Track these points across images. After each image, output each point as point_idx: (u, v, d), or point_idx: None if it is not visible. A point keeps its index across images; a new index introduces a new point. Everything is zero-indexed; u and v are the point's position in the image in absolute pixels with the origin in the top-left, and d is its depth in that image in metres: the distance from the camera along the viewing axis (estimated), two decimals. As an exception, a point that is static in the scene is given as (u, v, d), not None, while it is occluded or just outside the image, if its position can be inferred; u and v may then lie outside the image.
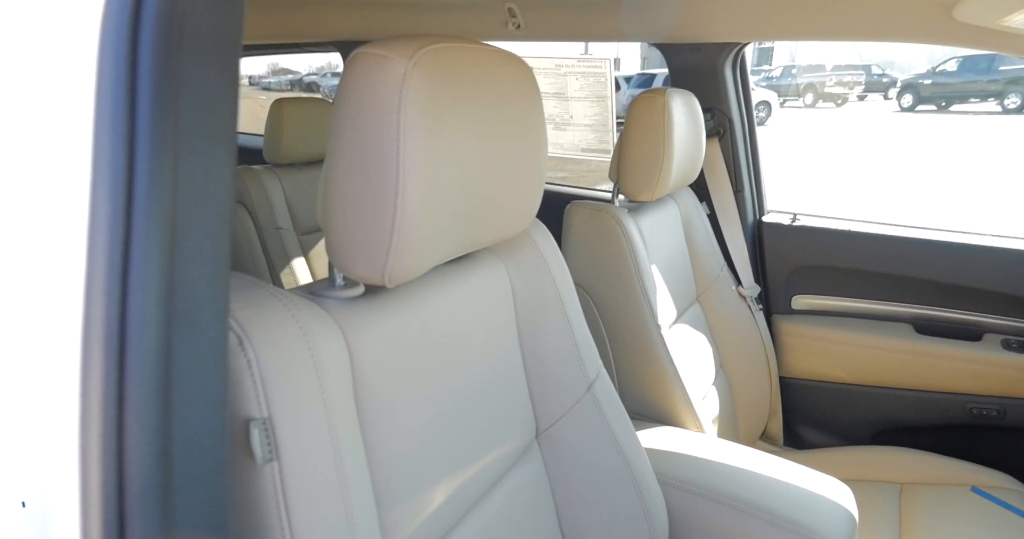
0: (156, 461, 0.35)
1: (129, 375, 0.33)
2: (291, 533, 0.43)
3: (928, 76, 13.22)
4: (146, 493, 0.34)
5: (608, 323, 1.14)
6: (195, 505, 0.37)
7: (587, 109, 1.62)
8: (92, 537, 0.34)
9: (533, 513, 0.75)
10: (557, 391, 0.78)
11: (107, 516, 0.34)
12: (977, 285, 1.26)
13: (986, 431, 1.28)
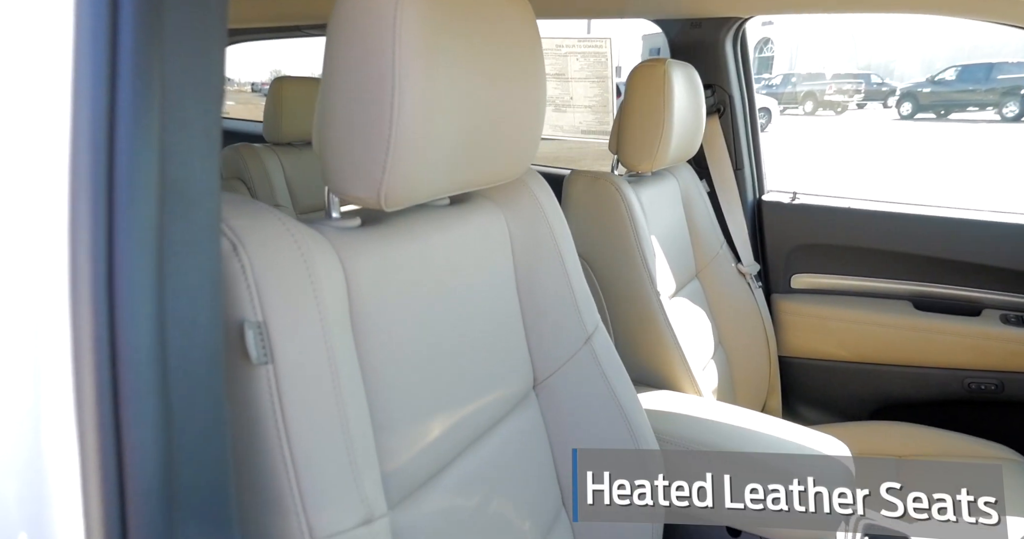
0: (150, 353, 0.35)
1: (119, 250, 0.33)
2: (287, 435, 0.43)
3: (927, 85, 13.30)
4: (141, 389, 0.34)
5: (608, 292, 1.14)
6: (192, 404, 0.36)
7: (587, 90, 1.63)
8: (87, 418, 0.33)
9: (530, 460, 0.74)
10: (555, 342, 0.77)
11: (101, 409, 0.33)
12: (976, 260, 1.26)
13: (984, 406, 1.27)
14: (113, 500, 0.33)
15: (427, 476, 0.59)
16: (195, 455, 0.36)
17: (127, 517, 0.33)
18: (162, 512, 0.34)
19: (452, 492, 0.62)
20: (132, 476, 0.33)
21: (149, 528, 0.33)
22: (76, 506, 0.32)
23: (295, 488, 0.42)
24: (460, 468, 0.64)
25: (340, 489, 0.44)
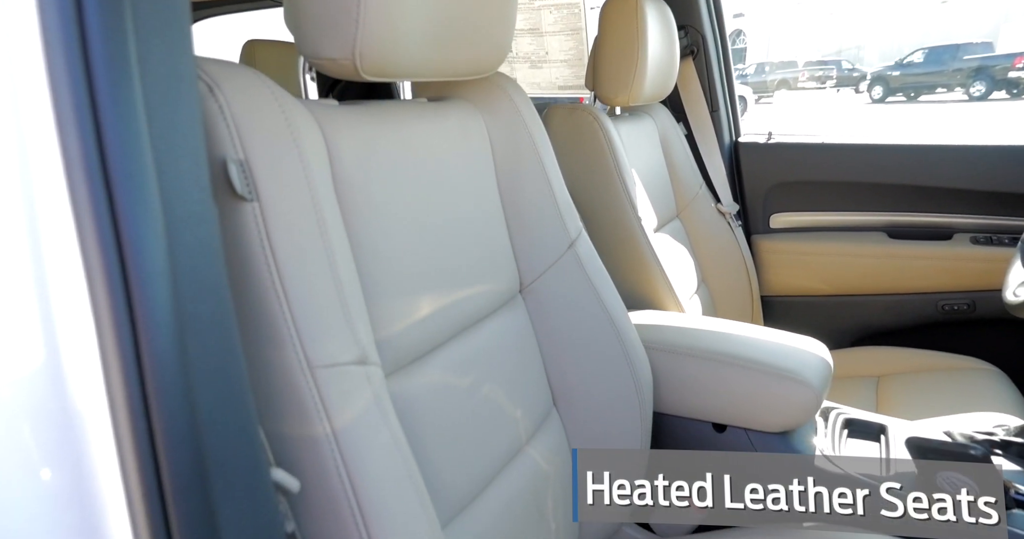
0: (148, 200, 0.35)
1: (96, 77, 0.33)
2: (277, 270, 0.43)
3: (896, 68, 13.56)
4: (144, 235, 0.34)
5: (590, 223, 1.15)
6: (189, 243, 0.37)
7: (562, 44, 1.64)
8: (93, 264, 0.33)
9: (519, 358, 0.75)
10: (539, 246, 0.79)
11: (107, 259, 0.33)
12: (947, 185, 1.30)
13: (958, 326, 1.31)
14: (127, 334, 0.32)
15: (419, 352, 0.60)
16: (195, 287, 0.36)
17: (139, 343, 0.33)
18: (174, 341, 0.34)
19: (444, 370, 0.62)
20: (143, 314, 0.33)
21: (163, 360, 0.33)
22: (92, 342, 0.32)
23: (290, 321, 0.43)
24: (451, 351, 0.65)
25: (332, 324, 0.45)
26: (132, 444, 0.33)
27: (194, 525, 0.34)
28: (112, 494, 0.33)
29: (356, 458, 0.43)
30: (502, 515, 0.64)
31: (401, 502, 0.45)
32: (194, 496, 0.34)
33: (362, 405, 0.45)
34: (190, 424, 0.34)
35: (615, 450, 0.81)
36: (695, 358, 0.86)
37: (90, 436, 0.33)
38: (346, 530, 0.42)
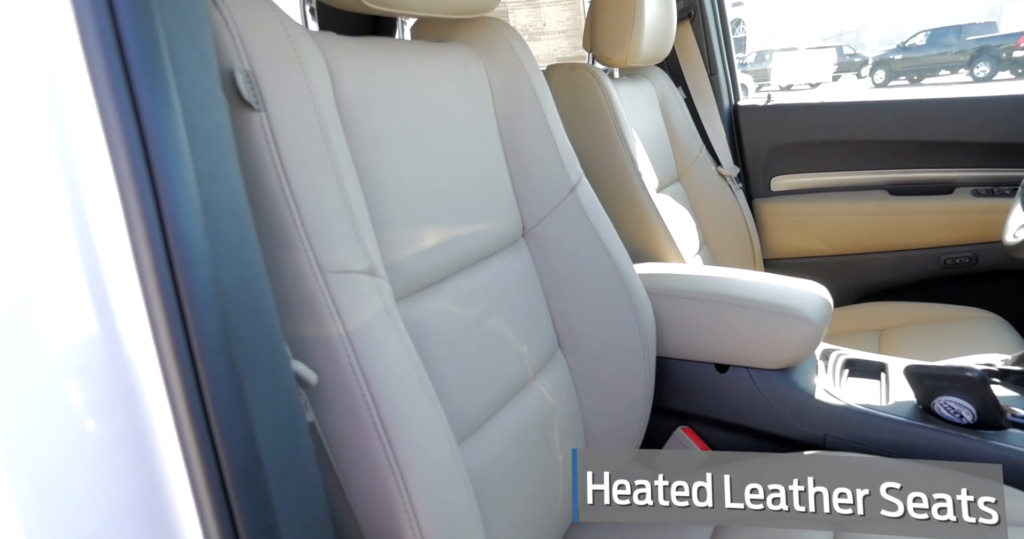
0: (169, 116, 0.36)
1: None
2: (286, 177, 0.45)
3: (898, 52, 13.43)
4: (167, 143, 0.35)
5: (591, 181, 1.16)
6: (207, 151, 0.38)
7: (559, 14, 1.64)
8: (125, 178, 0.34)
9: (525, 299, 0.77)
10: (540, 191, 0.80)
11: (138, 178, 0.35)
12: (947, 138, 1.30)
13: (960, 279, 1.32)
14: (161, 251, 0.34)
15: (427, 281, 0.62)
16: (220, 206, 0.38)
17: (173, 261, 0.35)
18: (206, 257, 0.35)
19: (451, 300, 0.64)
20: (175, 235, 0.35)
21: (196, 270, 0.35)
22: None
23: (300, 227, 0.45)
24: (457, 283, 0.66)
25: (340, 232, 0.47)
26: (170, 344, 0.34)
27: (230, 416, 0.36)
28: (155, 393, 0.34)
29: (369, 358, 0.45)
30: (512, 440, 0.66)
31: (414, 402, 0.47)
32: (227, 388, 0.36)
33: (372, 312, 0.47)
34: (221, 325, 0.36)
35: (615, 450, 0.83)
36: (696, 301, 0.87)
37: (131, 349, 0.34)
38: (362, 423, 0.44)
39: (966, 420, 0.71)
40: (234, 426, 0.36)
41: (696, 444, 0.88)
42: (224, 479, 0.36)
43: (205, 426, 0.35)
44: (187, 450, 0.35)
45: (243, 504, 0.35)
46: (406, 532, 0.44)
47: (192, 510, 0.35)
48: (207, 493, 0.35)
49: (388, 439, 0.44)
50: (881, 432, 0.74)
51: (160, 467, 0.35)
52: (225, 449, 0.36)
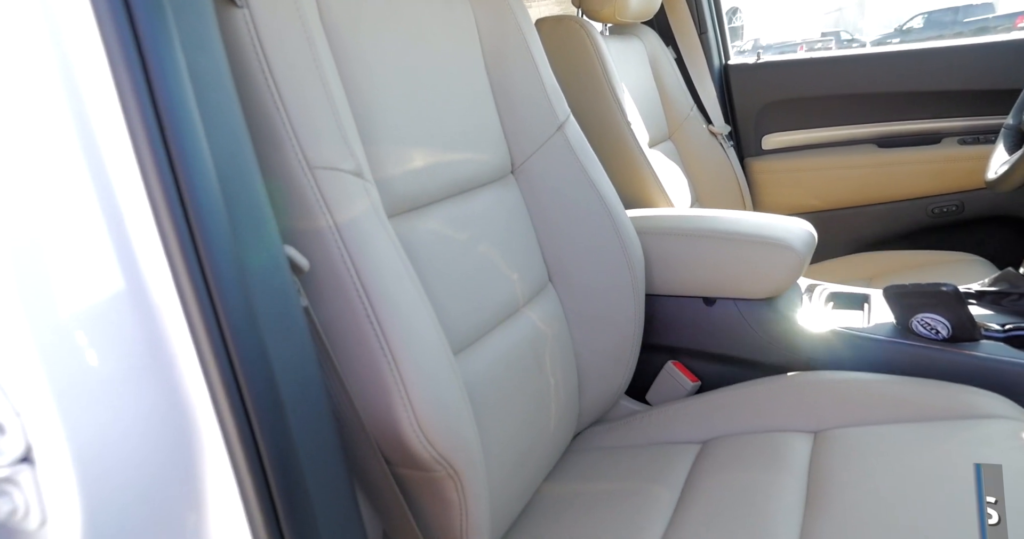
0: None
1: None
2: (271, 75, 0.47)
3: (896, 35, 13.35)
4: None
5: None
6: (193, 47, 0.40)
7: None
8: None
9: (515, 231, 0.79)
10: (527, 127, 0.82)
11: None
12: (934, 88, 1.32)
13: (947, 228, 1.34)
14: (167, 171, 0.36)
15: (417, 202, 0.64)
16: (211, 103, 0.40)
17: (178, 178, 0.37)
18: (202, 150, 0.37)
19: (442, 222, 0.66)
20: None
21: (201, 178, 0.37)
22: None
23: (287, 122, 0.47)
24: (447, 208, 0.68)
25: (327, 130, 0.49)
26: (172, 225, 0.36)
27: (232, 296, 0.38)
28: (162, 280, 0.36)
29: (358, 249, 0.47)
30: (504, 360, 0.68)
31: (403, 292, 0.49)
32: (228, 270, 0.38)
33: (361, 209, 0.49)
34: (222, 213, 0.38)
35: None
36: (683, 237, 0.89)
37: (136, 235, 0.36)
38: (354, 310, 0.46)
39: (942, 335, 0.73)
40: (237, 309, 0.38)
41: (686, 377, 0.91)
42: (232, 358, 0.38)
43: (211, 308, 0.37)
44: (193, 325, 0.37)
45: (244, 361, 0.37)
46: (400, 415, 0.47)
47: (198, 369, 0.37)
48: (211, 354, 0.37)
49: (380, 325, 0.46)
50: (862, 352, 0.77)
51: (165, 326, 0.37)
52: (232, 333, 0.38)
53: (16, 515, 0.31)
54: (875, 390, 0.69)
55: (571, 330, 0.83)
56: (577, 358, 0.84)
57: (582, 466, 0.79)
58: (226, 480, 0.37)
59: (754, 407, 0.76)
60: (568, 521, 0.67)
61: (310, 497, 0.40)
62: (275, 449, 0.37)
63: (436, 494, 0.50)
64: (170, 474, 0.35)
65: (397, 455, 0.48)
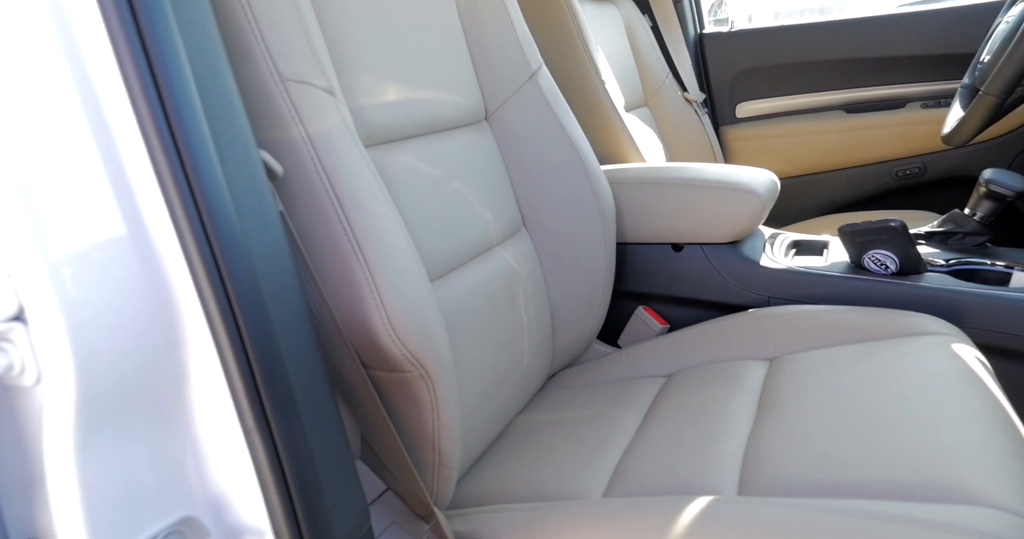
0: None
1: None
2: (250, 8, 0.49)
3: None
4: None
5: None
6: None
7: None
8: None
9: (489, 175, 0.82)
10: (500, 73, 0.84)
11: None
12: (898, 53, 1.36)
13: (911, 190, 1.39)
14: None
15: (392, 135, 0.66)
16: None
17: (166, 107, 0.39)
18: (182, 62, 0.40)
19: (416, 156, 0.69)
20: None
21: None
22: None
23: (259, 36, 0.49)
24: (422, 144, 0.71)
25: (298, 45, 0.51)
26: (155, 129, 0.39)
27: (213, 193, 0.40)
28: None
29: (330, 158, 0.50)
30: (478, 291, 0.72)
31: (375, 203, 0.52)
32: (208, 172, 0.41)
33: (333, 123, 0.52)
34: (201, 122, 0.40)
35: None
36: (652, 185, 0.93)
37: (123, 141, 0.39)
38: (327, 216, 0.49)
39: (891, 270, 0.78)
40: (219, 211, 0.41)
41: (655, 320, 0.95)
42: (212, 245, 0.41)
43: (193, 202, 0.40)
44: (177, 219, 0.40)
45: (224, 249, 0.40)
46: (374, 316, 0.50)
47: (181, 255, 0.40)
48: (192, 240, 0.40)
49: (352, 231, 0.49)
50: (817, 288, 0.81)
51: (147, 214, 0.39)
52: (216, 237, 0.40)
53: (12, 371, 0.34)
54: (826, 319, 0.73)
55: (545, 274, 0.87)
56: (551, 301, 0.87)
57: (554, 401, 0.83)
58: (211, 363, 0.40)
59: (716, 341, 0.80)
60: (538, 444, 0.71)
61: (291, 385, 0.43)
62: (256, 333, 0.40)
63: (409, 395, 0.53)
64: (157, 345, 0.38)
65: (372, 357, 0.52)
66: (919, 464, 0.45)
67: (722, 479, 0.53)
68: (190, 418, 0.39)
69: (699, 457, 0.57)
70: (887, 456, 0.47)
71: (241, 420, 0.38)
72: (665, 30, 1.52)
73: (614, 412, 0.73)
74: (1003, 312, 0.69)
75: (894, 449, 0.47)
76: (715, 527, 0.43)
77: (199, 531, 0.40)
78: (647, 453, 0.61)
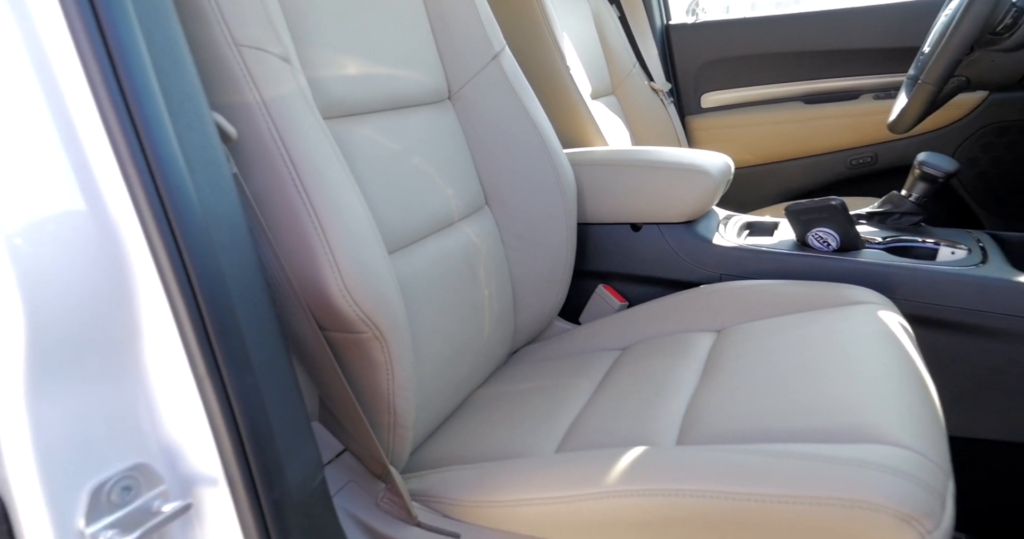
0: None
1: None
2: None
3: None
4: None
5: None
6: None
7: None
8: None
9: (452, 153, 0.83)
10: (463, 53, 0.86)
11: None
12: (853, 46, 1.42)
13: (864, 178, 1.45)
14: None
15: (351, 108, 0.68)
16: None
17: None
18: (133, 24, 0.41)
19: (377, 130, 0.70)
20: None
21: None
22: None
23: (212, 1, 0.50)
24: (384, 120, 0.72)
25: (253, 14, 0.52)
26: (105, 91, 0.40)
27: (165, 152, 0.41)
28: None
29: (286, 124, 0.51)
30: (438, 264, 0.74)
31: (331, 168, 0.53)
32: (161, 131, 0.42)
33: (289, 90, 0.53)
34: (150, 80, 0.41)
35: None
36: (611, 166, 0.96)
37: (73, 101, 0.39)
38: (281, 180, 0.51)
39: (832, 247, 0.82)
40: (170, 166, 0.42)
41: (615, 298, 0.98)
42: (165, 204, 0.42)
43: (145, 163, 0.41)
44: (130, 183, 0.41)
45: (176, 208, 0.41)
46: (328, 277, 0.51)
47: (134, 214, 0.41)
48: (145, 200, 0.41)
49: (307, 194, 0.51)
50: (765, 264, 0.85)
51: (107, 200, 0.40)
52: (167, 193, 0.42)
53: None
54: (771, 292, 0.77)
55: (507, 252, 0.89)
56: (513, 278, 0.90)
57: (514, 374, 0.85)
58: (164, 313, 0.41)
59: (669, 316, 0.84)
60: (496, 412, 0.74)
61: (243, 335, 0.44)
62: (208, 284, 0.42)
63: (364, 355, 0.55)
64: (109, 294, 0.39)
65: (327, 318, 0.53)
66: (836, 411, 0.48)
67: (663, 433, 0.56)
68: (143, 366, 0.40)
69: (644, 415, 0.60)
70: (809, 406, 0.50)
71: (192, 367, 0.40)
72: (632, 20, 1.55)
73: (570, 382, 0.76)
74: (928, 284, 0.73)
75: (816, 400, 0.51)
76: (650, 470, 0.46)
77: (152, 478, 0.41)
78: (598, 414, 0.64)
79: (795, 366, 0.58)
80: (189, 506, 0.41)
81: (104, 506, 0.38)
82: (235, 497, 0.42)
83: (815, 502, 0.40)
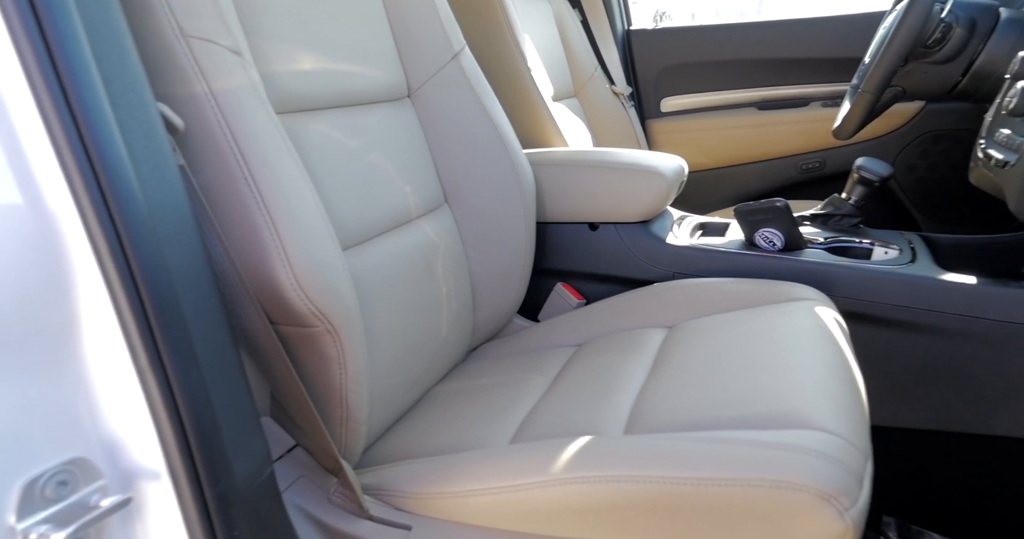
0: None
1: None
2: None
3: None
4: None
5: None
6: None
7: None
8: None
9: (410, 151, 0.84)
10: (422, 52, 0.87)
11: None
12: (804, 55, 1.48)
13: (812, 182, 1.52)
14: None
15: (307, 104, 0.67)
16: None
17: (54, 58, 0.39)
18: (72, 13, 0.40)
19: (332, 126, 0.70)
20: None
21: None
22: None
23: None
24: (341, 116, 0.72)
25: (202, 5, 0.51)
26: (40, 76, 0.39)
27: (106, 144, 0.41)
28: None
29: (235, 116, 0.51)
30: (395, 260, 0.74)
31: (281, 162, 0.53)
32: (103, 124, 0.41)
33: (239, 83, 0.53)
34: (91, 71, 0.41)
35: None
36: (570, 167, 0.97)
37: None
38: (231, 173, 0.50)
39: (777, 247, 0.86)
40: (110, 155, 0.42)
41: (573, 296, 1.00)
42: (106, 196, 0.41)
43: (81, 146, 0.41)
44: (72, 181, 0.40)
45: (119, 199, 0.41)
46: (279, 271, 0.51)
47: (74, 207, 0.40)
48: (85, 193, 0.40)
49: (257, 187, 0.51)
50: (715, 263, 0.88)
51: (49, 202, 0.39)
52: (108, 183, 0.41)
53: None
54: (719, 289, 0.80)
55: (466, 250, 0.90)
56: (472, 276, 0.91)
57: (471, 370, 0.86)
58: (104, 304, 0.41)
59: (623, 313, 0.86)
60: (451, 407, 0.74)
61: (188, 327, 0.44)
62: (150, 275, 0.41)
63: (316, 350, 0.55)
64: (43, 283, 0.38)
65: (278, 313, 0.53)
66: (770, 400, 0.51)
67: (611, 423, 0.57)
68: (82, 359, 0.40)
69: (595, 407, 0.61)
70: (747, 396, 0.53)
71: (134, 359, 0.39)
72: (594, 25, 1.58)
73: (526, 377, 0.77)
74: (862, 282, 0.78)
75: (753, 390, 0.53)
76: (595, 458, 0.48)
77: (90, 472, 0.40)
78: (551, 408, 0.66)
79: (737, 359, 0.61)
80: (129, 500, 0.41)
81: (38, 501, 0.37)
82: (178, 491, 0.42)
83: (746, 484, 0.42)
